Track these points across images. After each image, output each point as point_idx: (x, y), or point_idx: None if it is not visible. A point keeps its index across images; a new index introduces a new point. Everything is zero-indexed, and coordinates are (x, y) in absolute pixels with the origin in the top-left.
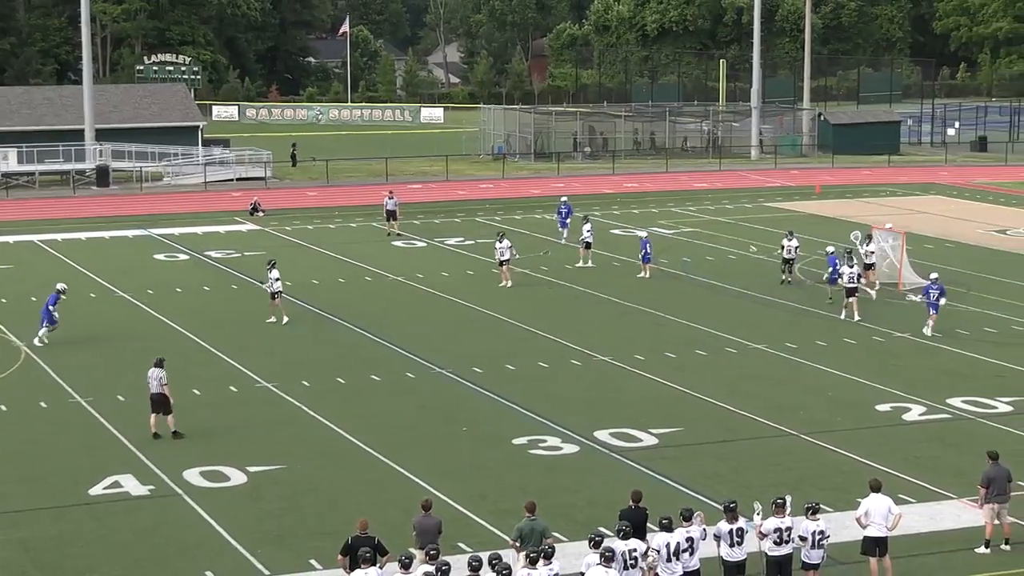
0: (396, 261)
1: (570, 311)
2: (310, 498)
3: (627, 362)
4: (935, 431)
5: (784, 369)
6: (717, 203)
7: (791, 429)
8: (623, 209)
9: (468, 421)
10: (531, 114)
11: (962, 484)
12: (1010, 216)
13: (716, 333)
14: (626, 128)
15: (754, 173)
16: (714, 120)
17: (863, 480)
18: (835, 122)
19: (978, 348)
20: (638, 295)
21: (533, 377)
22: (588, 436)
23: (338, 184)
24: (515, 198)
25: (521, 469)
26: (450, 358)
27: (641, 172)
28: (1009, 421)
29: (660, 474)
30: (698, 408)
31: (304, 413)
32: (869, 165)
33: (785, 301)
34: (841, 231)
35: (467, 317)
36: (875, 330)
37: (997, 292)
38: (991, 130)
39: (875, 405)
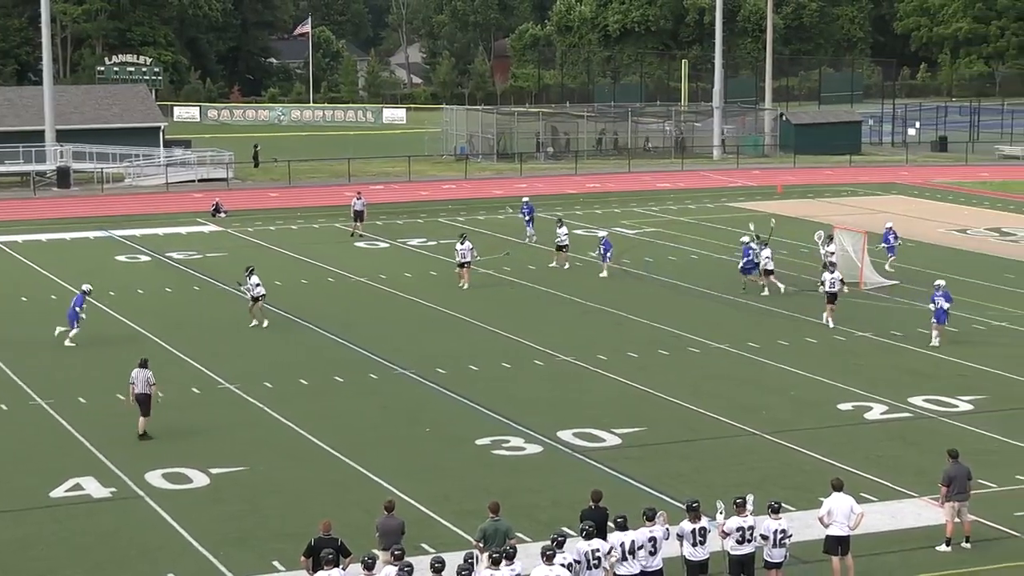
0: (359, 262)
1: (532, 311)
2: (273, 500)
3: (590, 362)
4: (896, 430)
5: (746, 369)
6: (679, 203)
7: (753, 429)
8: (586, 209)
9: (431, 422)
10: (493, 114)
11: (923, 483)
12: (970, 216)
13: (678, 333)
14: (589, 128)
15: (716, 173)
16: (676, 120)
17: (825, 479)
18: (797, 122)
19: (939, 347)
20: (600, 295)
21: (496, 378)
22: (551, 436)
23: (300, 185)
24: (478, 199)
25: (484, 470)
26: (413, 359)
27: (604, 172)
28: (970, 420)
29: (623, 474)
30: (661, 408)
31: (267, 415)
32: (830, 165)
33: (747, 301)
34: (804, 231)
35: (430, 318)
36: (837, 329)
37: (958, 292)
38: (951, 130)
39: (837, 404)
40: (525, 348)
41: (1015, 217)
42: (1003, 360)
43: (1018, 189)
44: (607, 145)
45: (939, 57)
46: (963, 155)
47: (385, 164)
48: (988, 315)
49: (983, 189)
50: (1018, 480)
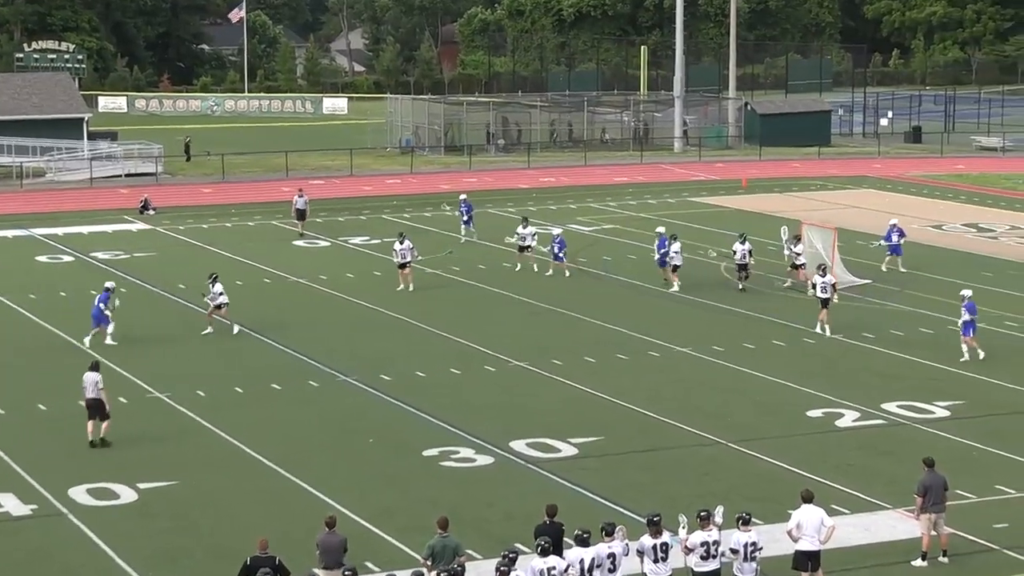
0: (298, 262)
1: (483, 313)
2: (205, 516)
3: (544, 367)
4: (869, 438)
5: (710, 373)
6: (639, 198)
7: (718, 437)
8: (539, 205)
9: (375, 432)
10: (441, 104)
11: (898, 493)
12: (946, 210)
13: (638, 336)
14: (542, 119)
15: (677, 166)
16: (635, 110)
17: (794, 490)
18: (762, 112)
19: (913, 350)
20: (555, 296)
21: (444, 384)
22: (503, 446)
23: (234, 180)
24: (424, 194)
25: (432, 482)
26: (356, 365)
27: (558, 166)
28: (946, 426)
29: (580, 486)
30: (619, 415)
31: (199, 425)
32: (798, 157)
33: (711, 302)
34: (770, 227)
35: (374, 321)
36: (805, 331)
37: (933, 291)
38: (925, 120)
39: (806, 411)
40: (475, 352)
41: (993, 212)
42: (981, 363)
43: (996, 182)
44: (562, 137)
45: (912, 43)
46: (938, 146)
47: (325, 157)
48: None
49: (959, 182)
50: (998, 490)
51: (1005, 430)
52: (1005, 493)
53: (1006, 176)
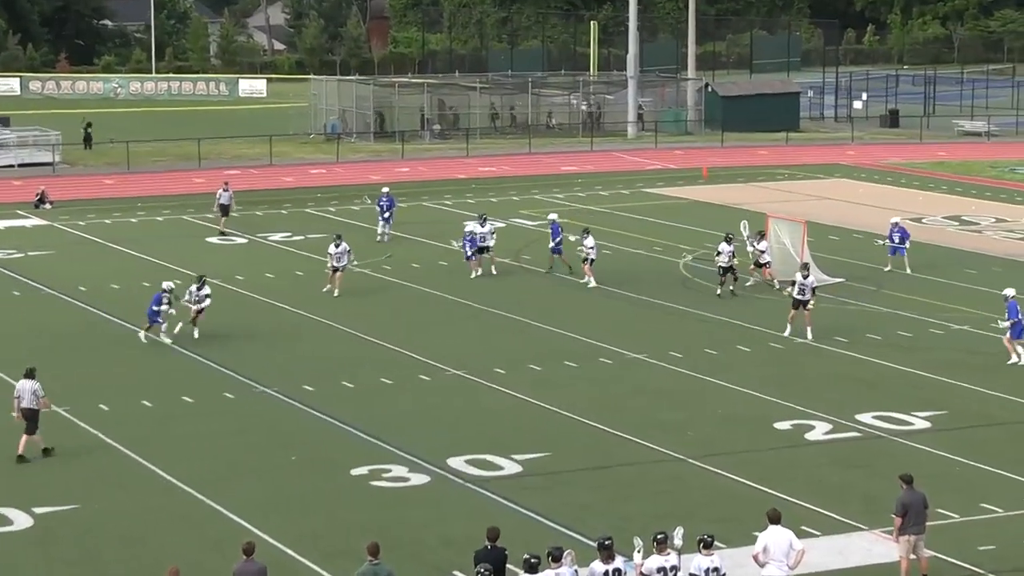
0: (212, 260)
1: (417, 317)
2: (109, 543)
3: (485, 376)
4: (842, 452)
5: (668, 382)
6: (589, 189)
7: (676, 452)
8: (479, 197)
9: (298, 448)
10: (370, 86)
11: (874, 513)
12: (926, 202)
13: (589, 341)
14: (482, 102)
15: (631, 154)
16: (585, 92)
17: (760, 510)
18: (724, 94)
19: (891, 355)
20: (497, 298)
21: (375, 395)
22: (440, 464)
23: (141, 170)
24: (352, 185)
25: (361, 504)
26: (276, 374)
27: (500, 153)
28: (926, 439)
29: (524, 507)
30: (568, 429)
31: (102, 442)
32: (764, 144)
33: (669, 303)
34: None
35: (296, 326)
36: (772, 335)
37: (912, 290)
38: (903, 102)
39: (773, 423)
40: (408, 360)
41: (977, 203)
42: (964, 370)
43: (980, 171)
44: (504, 122)
45: (888, 18)
46: (917, 131)
47: (242, 145)
48: (946, 317)
49: (940, 171)
50: (983, 508)
51: (990, 442)
52: (991, 512)
53: (991, 164)
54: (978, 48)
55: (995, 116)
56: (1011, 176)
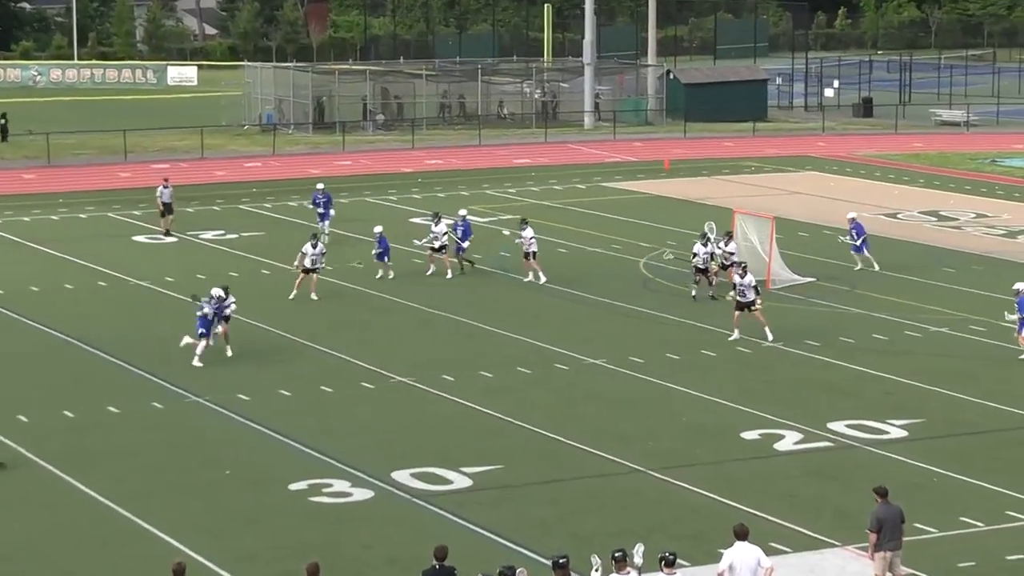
0: (139, 261)
1: (360, 321)
2: (28, 565)
3: (433, 384)
4: (814, 463)
5: (627, 389)
6: (543, 183)
7: (637, 464)
8: (425, 192)
9: (233, 462)
10: (308, 74)
11: (847, 528)
12: (902, 196)
13: (543, 345)
14: (428, 91)
15: (588, 146)
16: (538, 80)
17: (726, 526)
18: (687, 81)
19: (865, 359)
20: (444, 300)
21: (314, 405)
22: (384, 478)
23: (62, 164)
24: (289, 179)
25: (301, 521)
26: (209, 383)
27: (448, 146)
28: (903, 449)
29: (474, 523)
30: (521, 440)
31: (21, 456)
32: (729, 134)
33: (629, 305)
34: (697, 217)
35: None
36: (740, 338)
37: (888, 290)
38: (877, 90)
39: (740, 432)
40: (351, 367)
41: (956, 197)
42: (943, 375)
43: (959, 163)
44: (452, 112)
45: (861, 0)
46: (892, 121)
47: (171, 137)
48: (924, 319)
49: (917, 163)
50: (963, 522)
51: (970, 452)
52: (971, 526)
53: (971, 156)
54: (956, 32)
55: (975, 105)
56: (992, 169)
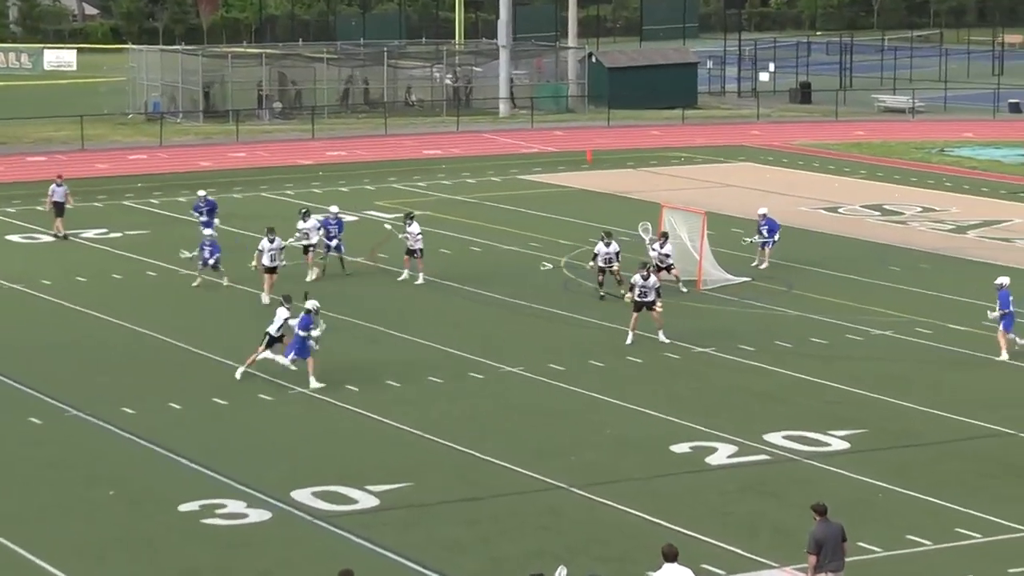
0: (12, 262)
1: (258, 327)
2: None
3: (336, 395)
4: (749, 478)
5: (548, 399)
6: (455, 176)
7: (558, 480)
8: (327, 186)
9: (117, 481)
10: (199, 57)
11: (785, 547)
12: (843, 189)
13: (456, 352)
14: (330, 76)
15: (504, 135)
16: (449, 64)
17: (655, 546)
18: (611, 65)
19: (803, 365)
20: (347, 303)
21: (207, 418)
22: (284, 498)
23: None
24: (178, 173)
25: (191, 545)
26: (91, 395)
27: (351, 136)
28: (845, 462)
29: (382, 546)
30: (432, 455)
31: None
32: (657, 123)
33: (549, 308)
34: (622, 212)
35: (114, 338)
36: (670, 345)
37: (827, 291)
38: (815, 74)
39: (670, 445)
40: (248, 378)
41: (901, 190)
42: (886, 381)
43: (904, 153)
44: (355, 99)
45: None
46: (832, 108)
47: (48, 127)
48: (867, 321)
49: (858, 153)
50: (909, 541)
51: (917, 465)
52: (918, 544)
53: (916, 145)
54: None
55: (920, 90)
56: (939, 159)
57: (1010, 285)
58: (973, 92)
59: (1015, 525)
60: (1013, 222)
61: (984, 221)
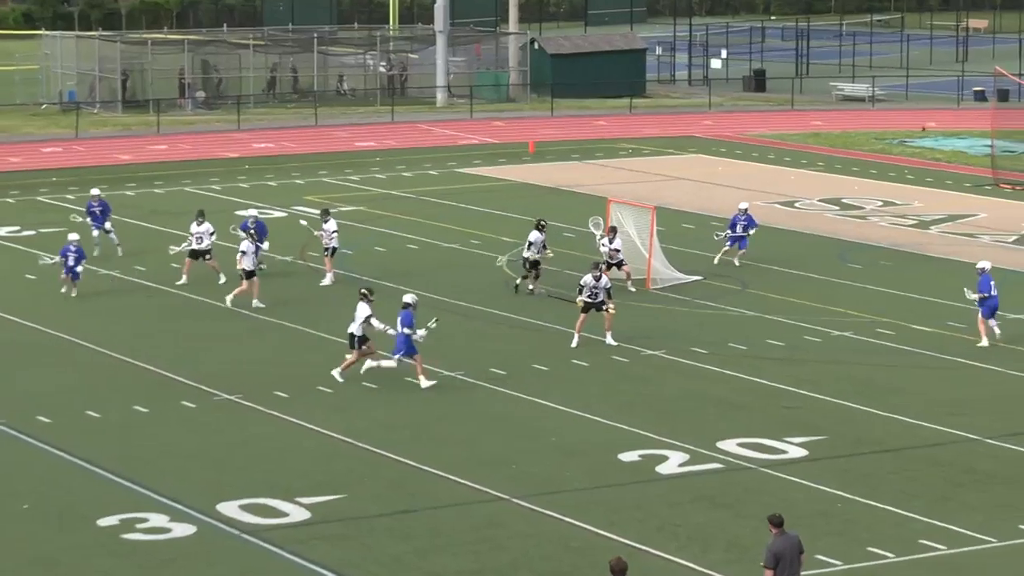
0: None
1: (183, 330)
2: None
3: (264, 402)
4: (702, 488)
5: (489, 405)
6: (389, 169)
7: (499, 491)
8: (254, 180)
9: (30, 494)
10: (116, 44)
11: (741, 561)
12: (799, 182)
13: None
14: (256, 63)
15: (441, 126)
16: (383, 51)
17: (602, 560)
18: (554, 52)
19: (759, 368)
20: (279, 305)
21: (127, 427)
22: (208, 511)
23: None
24: (96, 166)
25: (111, 562)
26: (4, 404)
27: (279, 127)
28: (803, 471)
29: (314, 562)
30: (367, 465)
31: None
32: (603, 112)
33: (490, 309)
34: (566, 207)
35: (28, 343)
36: (617, 348)
37: (784, 290)
38: (770, 61)
39: (618, 453)
40: (169, 383)
41: (861, 183)
42: (846, 385)
43: (864, 144)
44: (283, 88)
45: None
46: (787, 96)
47: None
48: (825, 321)
49: (816, 144)
50: (871, 553)
51: (878, 473)
52: (880, 557)
53: (877, 135)
54: None
55: (881, 78)
56: (900, 150)
57: (991, 270)
58: (936, 80)
59: (981, 536)
60: (978, 217)
61: (949, 216)
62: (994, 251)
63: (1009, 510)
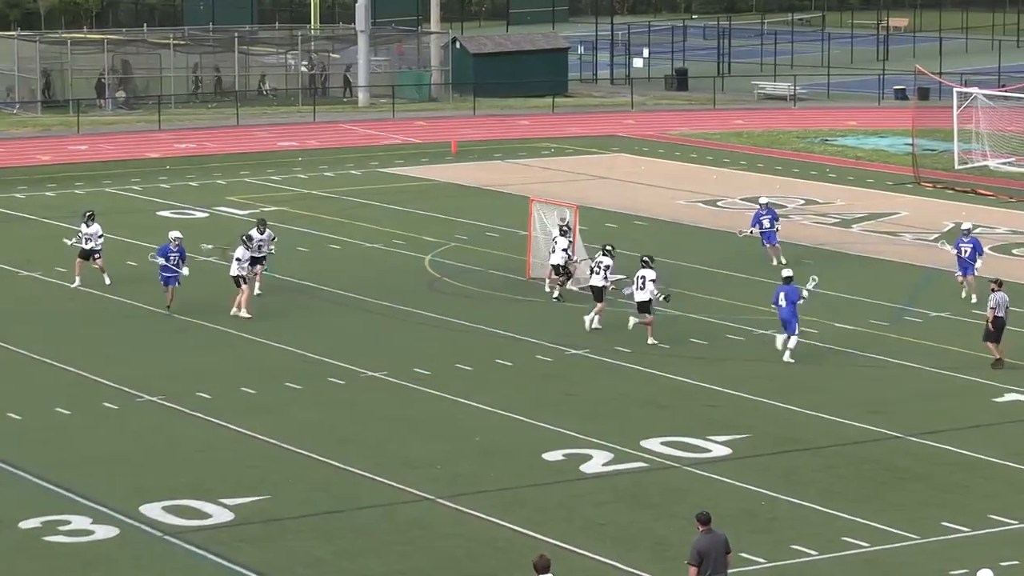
0: None
1: (105, 331)
2: None
3: (186, 402)
4: (626, 486)
5: (413, 406)
6: (311, 170)
7: (424, 491)
8: (176, 180)
9: None
10: (35, 43)
11: (665, 560)
12: (722, 181)
13: (315, 357)
14: (177, 63)
15: (363, 125)
16: (304, 51)
17: (526, 559)
18: (476, 51)
19: (682, 367)
20: (197, 307)
21: (48, 429)
22: (131, 512)
23: None
24: (15, 167)
25: (32, 565)
26: None
27: (201, 127)
28: (727, 469)
29: (238, 563)
30: (290, 465)
31: None
32: (525, 112)
33: (413, 309)
34: (489, 207)
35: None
36: (540, 346)
37: (707, 288)
38: (692, 60)
39: (542, 453)
40: (92, 385)
41: (784, 182)
42: (769, 383)
43: (786, 142)
44: (205, 88)
45: None
46: (709, 95)
47: None
48: (748, 320)
49: (738, 143)
50: (795, 551)
51: (801, 471)
52: (804, 555)
53: (799, 134)
54: None
55: (802, 76)
56: (822, 149)
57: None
58: (857, 78)
59: (904, 533)
60: (900, 215)
61: (870, 214)
62: (915, 249)
63: (931, 507)
